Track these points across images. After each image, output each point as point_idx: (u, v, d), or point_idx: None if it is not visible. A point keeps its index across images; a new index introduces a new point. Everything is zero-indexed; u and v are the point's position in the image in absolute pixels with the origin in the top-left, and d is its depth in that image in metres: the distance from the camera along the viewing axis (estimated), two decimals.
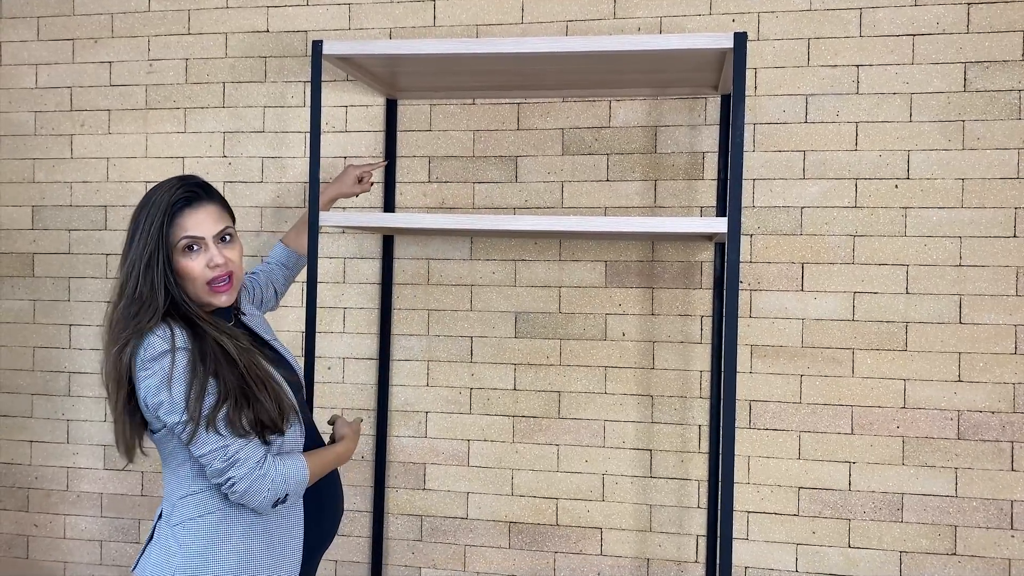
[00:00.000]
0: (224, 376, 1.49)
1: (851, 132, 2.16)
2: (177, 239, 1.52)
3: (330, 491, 1.72)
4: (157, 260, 1.50)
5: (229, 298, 1.59)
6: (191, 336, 1.50)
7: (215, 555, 1.51)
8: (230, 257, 1.58)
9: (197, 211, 1.55)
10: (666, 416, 2.25)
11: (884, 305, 2.14)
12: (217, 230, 1.56)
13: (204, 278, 1.54)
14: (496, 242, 2.34)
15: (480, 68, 2.04)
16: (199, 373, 1.47)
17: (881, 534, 2.13)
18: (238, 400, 1.48)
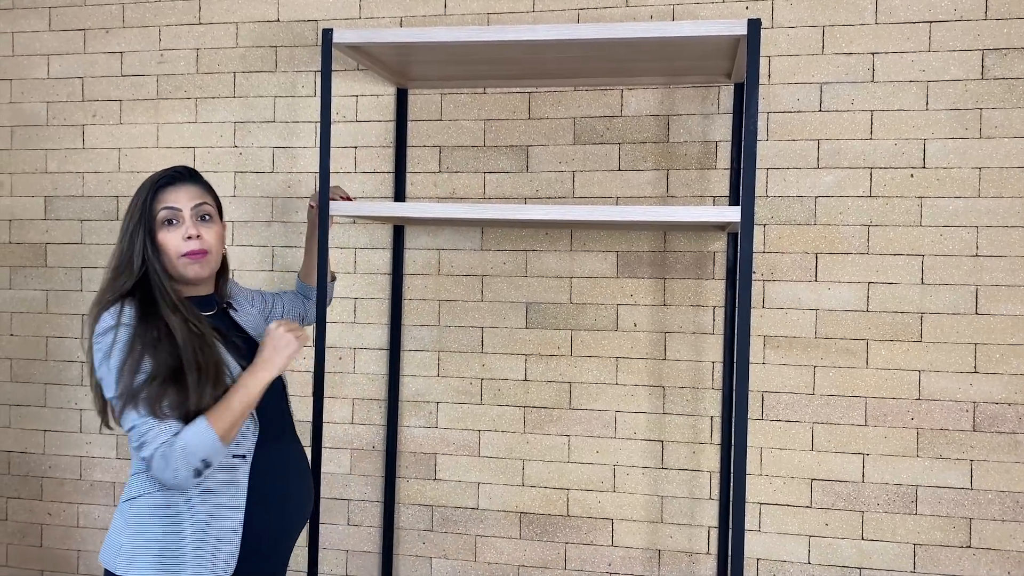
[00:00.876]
0: (160, 357, 1.50)
1: (866, 121, 2.13)
2: (157, 211, 1.61)
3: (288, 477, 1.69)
4: (139, 232, 1.59)
5: (202, 270, 1.63)
6: (140, 314, 1.54)
7: (150, 535, 1.55)
8: (204, 233, 1.63)
9: (178, 188, 1.64)
10: (678, 407, 2.23)
11: (899, 296, 2.12)
12: (194, 203, 1.63)
13: (179, 251, 1.60)
14: (507, 232, 2.33)
15: (491, 56, 2.02)
16: (135, 350, 1.50)
17: (895, 526, 2.12)
18: (165, 382, 1.49)
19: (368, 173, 2.40)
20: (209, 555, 1.55)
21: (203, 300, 1.70)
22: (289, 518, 1.69)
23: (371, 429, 2.41)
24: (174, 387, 1.49)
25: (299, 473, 1.73)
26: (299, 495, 1.72)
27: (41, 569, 2.62)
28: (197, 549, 1.54)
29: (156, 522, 1.55)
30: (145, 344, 1.51)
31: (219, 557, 1.55)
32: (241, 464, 1.59)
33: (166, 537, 1.54)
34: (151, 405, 1.48)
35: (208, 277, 1.67)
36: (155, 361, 1.50)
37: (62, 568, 2.60)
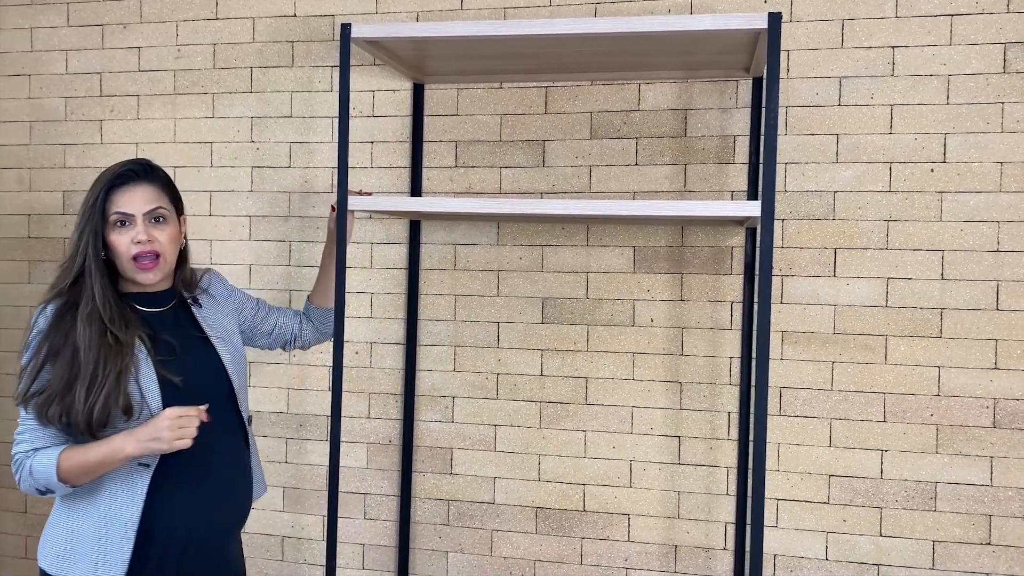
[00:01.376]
0: (60, 366, 1.53)
1: (886, 115, 2.12)
2: (109, 214, 1.61)
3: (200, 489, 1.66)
4: (87, 230, 1.60)
5: (154, 276, 1.64)
6: (57, 317, 1.57)
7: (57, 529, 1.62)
8: (157, 237, 1.63)
9: (132, 189, 1.62)
10: (695, 403, 2.23)
11: (918, 291, 2.10)
12: (147, 208, 1.62)
13: (129, 254, 1.61)
14: (523, 227, 2.32)
15: (508, 51, 2.02)
16: (39, 355, 1.56)
17: (914, 523, 2.11)
18: (56, 392, 1.52)
19: (384, 168, 2.40)
20: (102, 555, 1.57)
21: (159, 294, 1.70)
22: (198, 529, 1.65)
23: (387, 423, 2.41)
24: (64, 397, 1.52)
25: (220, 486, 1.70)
26: (209, 512, 1.67)
27: None
28: (91, 548, 1.58)
29: (62, 517, 1.62)
30: (50, 350, 1.55)
31: (112, 557, 1.57)
32: (142, 472, 1.60)
33: (66, 532, 1.60)
34: (37, 410, 1.54)
35: (162, 279, 1.68)
36: (54, 369, 1.54)
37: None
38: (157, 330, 1.65)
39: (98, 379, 1.52)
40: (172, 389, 1.61)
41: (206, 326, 1.74)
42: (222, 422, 1.70)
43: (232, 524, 1.74)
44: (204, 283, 1.81)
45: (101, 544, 1.57)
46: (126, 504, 1.58)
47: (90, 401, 1.51)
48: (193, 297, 1.76)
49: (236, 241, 2.49)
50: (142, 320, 1.65)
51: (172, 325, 1.69)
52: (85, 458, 1.53)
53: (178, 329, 1.69)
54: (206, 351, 1.72)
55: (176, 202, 1.71)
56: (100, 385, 1.52)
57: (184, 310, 1.74)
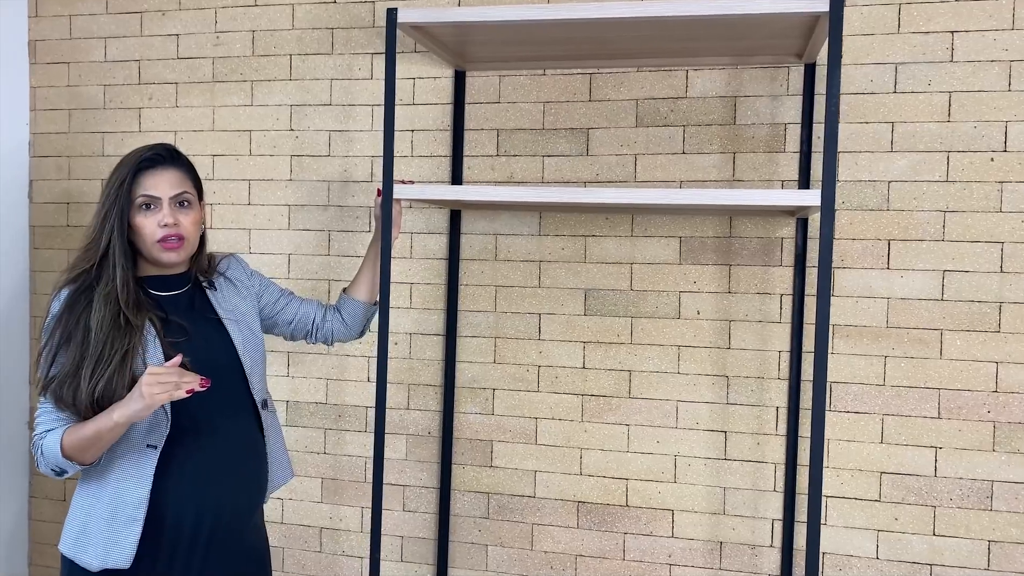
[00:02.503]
0: (72, 350, 1.56)
1: (943, 102, 2.05)
2: (136, 196, 1.62)
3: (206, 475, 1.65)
4: (113, 212, 1.60)
5: (178, 257, 1.64)
6: (71, 302, 1.60)
7: (75, 512, 1.64)
8: (182, 220, 1.64)
9: (159, 173, 1.64)
10: (742, 397, 2.18)
11: (976, 284, 2.04)
12: (174, 192, 1.64)
13: (154, 236, 1.62)
14: (566, 217, 2.28)
15: (553, 36, 1.98)
16: (53, 340, 1.59)
17: (969, 522, 2.05)
18: (68, 376, 1.55)
19: (424, 157, 2.37)
20: (112, 536, 1.58)
21: (174, 278, 1.71)
22: (206, 512, 1.64)
23: (427, 415, 2.38)
24: (74, 378, 1.54)
25: (229, 468, 1.68)
26: (219, 495, 1.66)
27: None
28: (102, 528, 1.59)
29: (80, 498, 1.64)
30: (63, 335, 1.58)
31: (121, 540, 1.58)
32: (150, 453, 1.60)
33: (82, 515, 1.62)
34: (53, 395, 1.57)
35: (183, 261, 1.69)
36: (67, 352, 1.57)
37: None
38: (169, 312, 1.66)
39: (103, 358, 1.54)
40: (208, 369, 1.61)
41: (219, 308, 1.74)
42: (232, 404, 1.70)
43: (243, 508, 1.72)
44: (222, 267, 1.82)
45: (112, 526, 1.58)
46: (135, 485, 1.59)
47: (94, 380, 1.53)
48: (209, 280, 1.76)
49: (275, 230, 2.47)
50: (155, 303, 1.66)
51: (185, 308, 1.70)
52: (83, 431, 1.54)
53: (191, 312, 1.70)
54: (218, 333, 1.72)
55: (198, 188, 1.73)
56: (105, 365, 1.54)
57: (200, 294, 1.74)
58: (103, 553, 1.58)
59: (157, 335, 1.62)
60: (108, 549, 1.58)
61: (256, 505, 1.77)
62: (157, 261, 1.65)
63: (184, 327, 1.66)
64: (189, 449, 1.64)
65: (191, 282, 1.74)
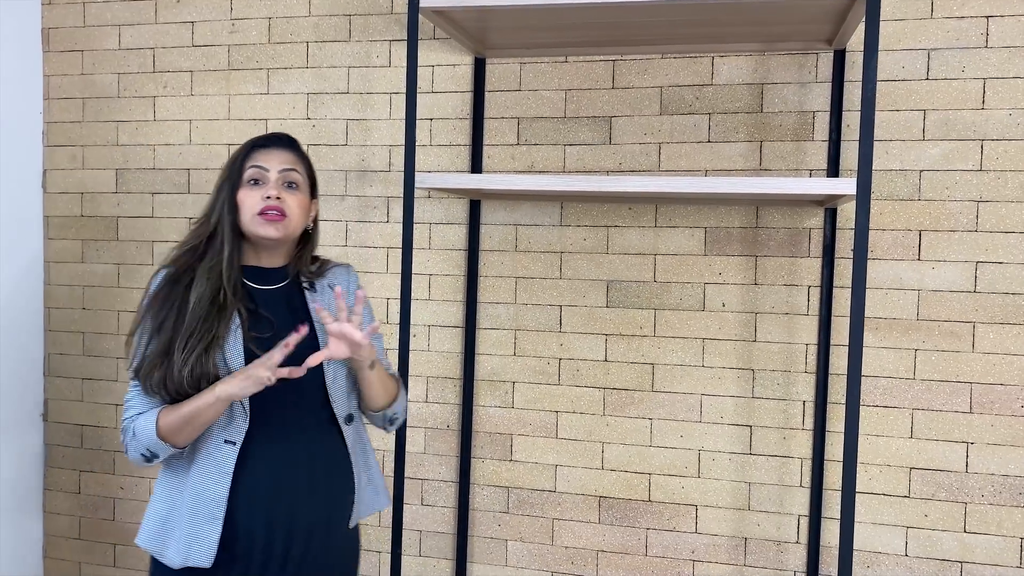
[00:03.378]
0: (164, 331, 1.51)
1: (978, 89, 2.00)
2: (246, 169, 1.59)
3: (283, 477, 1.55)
4: (224, 188, 1.59)
5: (276, 232, 1.56)
6: (167, 283, 1.55)
7: (156, 504, 1.58)
8: (287, 198, 1.58)
9: (272, 150, 1.61)
10: (768, 391, 2.14)
11: (1010, 276, 1.99)
12: (284, 166, 1.60)
13: (255, 208, 1.56)
14: (587, 207, 2.24)
15: (576, 21, 1.93)
16: (148, 318, 1.54)
17: (1000, 519, 2.01)
18: (159, 357, 1.50)
19: (444, 146, 2.33)
20: (193, 533, 1.52)
21: (273, 271, 1.63)
22: (277, 530, 1.54)
23: (446, 408, 2.35)
24: (164, 362, 1.50)
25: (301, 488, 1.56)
26: (292, 509, 1.55)
27: (113, 543, 2.63)
28: (184, 525, 1.53)
29: (161, 492, 1.59)
30: (158, 315, 1.53)
31: (201, 539, 1.52)
32: (230, 450, 1.53)
33: (164, 508, 1.57)
34: (143, 378, 1.52)
35: (281, 242, 1.60)
36: (159, 335, 1.52)
37: (134, 542, 2.60)
38: (259, 306, 1.59)
39: (194, 337, 1.49)
40: None
41: (313, 311, 1.64)
42: (311, 415, 1.60)
43: (320, 526, 1.59)
44: (330, 273, 1.70)
45: (193, 522, 1.52)
46: (216, 482, 1.52)
47: (183, 364, 1.48)
48: (311, 282, 1.66)
49: None
50: (247, 294, 1.59)
51: (278, 305, 1.61)
52: (180, 410, 1.49)
53: (283, 309, 1.61)
54: (307, 337, 1.57)
55: (312, 179, 1.66)
56: (193, 346, 1.49)
57: (297, 293, 1.64)
58: (185, 550, 1.51)
59: (241, 327, 1.54)
60: (190, 546, 1.51)
61: (336, 524, 1.62)
62: (255, 235, 1.57)
63: (271, 322, 1.58)
64: (266, 455, 1.55)
65: (290, 279, 1.65)
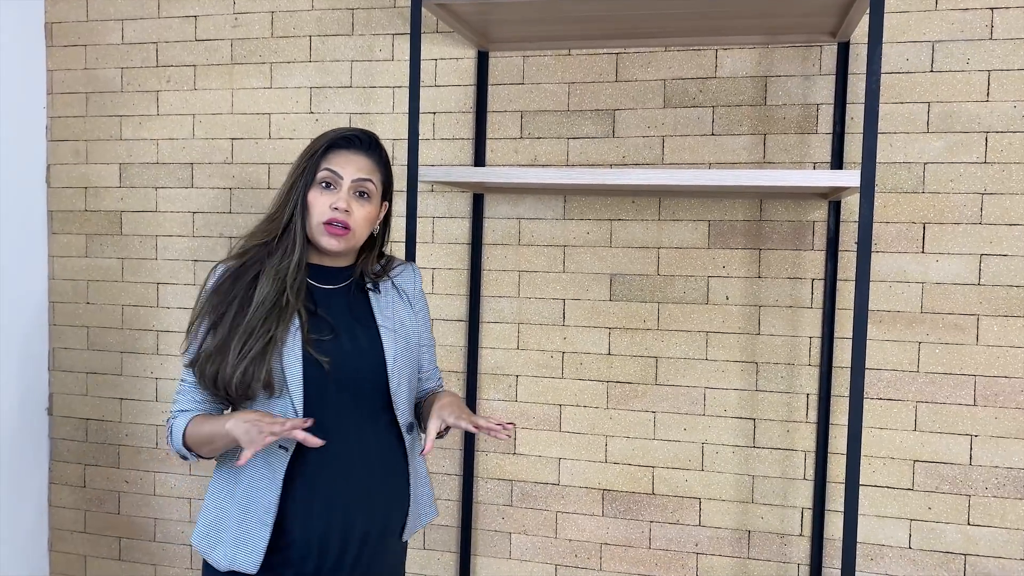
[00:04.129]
0: (226, 321, 1.47)
1: (982, 81, 1.99)
2: (320, 169, 1.52)
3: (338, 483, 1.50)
4: (299, 186, 1.52)
5: (338, 245, 1.51)
6: (227, 279, 1.50)
7: (208, 503, 1.56)
8: (355, 210, 1.52)
9: (349, 154, 1.54)
10: (771, 384, 2.14)
11: (1015, 268, 1.99)
12: (359, 176, 1.53)
13: (322, 216, 1.50)
14: (591, 201, 2.24)
15: (579, 14, 1.93)
16: (209, 310, 1.49)
17: (1004, 512, 2.01)
18: (213, 348, 1.46)
19: (447, 140, 2.33)
20: (241, 537, 1.49)
21: (337, 271, 1.58)
22: (335, 527, 1.50)
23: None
24: (218, 356, 1.45)
25: (361, 495, 1.52)
26: (351, 517, 1.51)
27: (119, 536, 2.64)
28: (233, 528, 1.50)
29: (214, 492, 1.56)
30: (219, 307, 1.48)
31: (248, 544, 1.48)
32: (281, 455, 1.48)
33: (215, 509, 1.54)
34: (197, 370, 1.48)
35: (343, 253, 1.55)
36: (218, 329, 1.47)
37: (139, 536, 2.62)
38: (321, 306, 1.53)
39: (252, 337, 1.44)
40: (316, 371, 1.48)
41: (379, 314, 1.58)
42: (372, 420, 1.53)
43: (377, 535, 1.54)
44: (395, 272, 1.65)
45: (242, 526, 1.49)
46: (266, 488, 1.47)
47: (238, 361, 1.43)
48: (375, 283, 1.61)
49: None
50: (309, 294, 1.53)
51: (340, 306, 1.55)
52: (202, 428, 1.46)
53: (345, 311, 1.55)
54: (369, 339, 1.55)
55: (387, 185, 1.60)
56: (252, 345, 1.44)
57: (360, 294, 1.59)
58: (231, 553, 1.48)
59: (300, 328, 1.48)
60: (236, 549, 1.48)
61: (390, 534, 1.58)
62: (317, 244, 1.53)
63: (331, 325, 1.52)
64: (321, 461, 1.49)
65: (353, 279, 1.60)
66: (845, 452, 1.70)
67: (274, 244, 1.51)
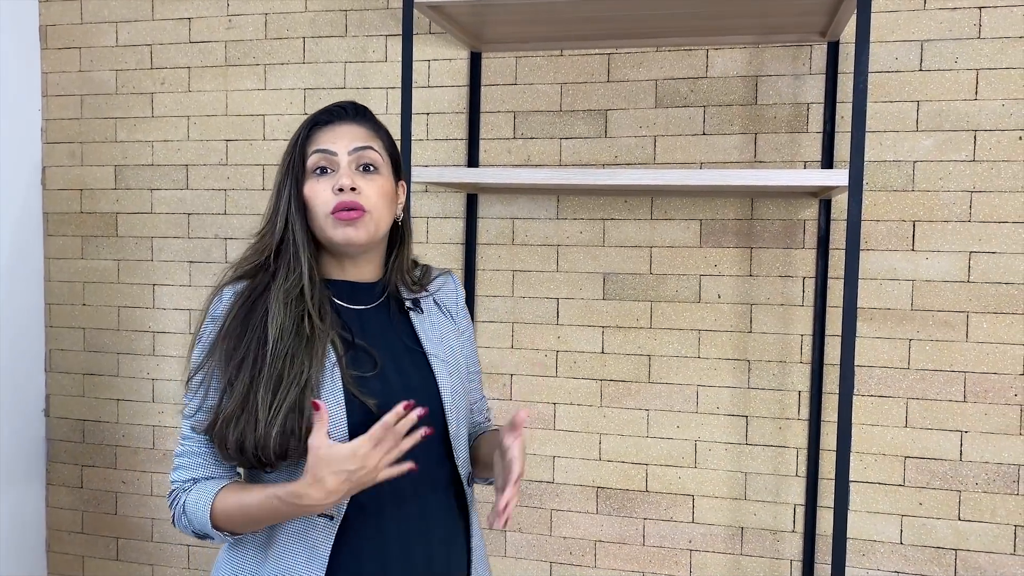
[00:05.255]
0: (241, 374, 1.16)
1: (971, 80, 2.01)
2: (308, 155, 1.23)
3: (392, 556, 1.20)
4: (286, 184, 1.23)
5: (357, 233, 1.20)
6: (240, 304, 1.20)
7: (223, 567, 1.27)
8: (363, 187, 1.21)
9: (337, 126, 1.25)
10: (763, 381, 2.15)
11: (1003, 265, 2.00)
12: (355, 145, 1.23)
13: (327, 206, 1.20)
14: (584, 201, 2.25)
15: (571, 15, 1.94)
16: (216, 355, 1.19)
17: (995, 507, 2.02)
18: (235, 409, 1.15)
19: (440, 140, 2.34)
20: None
21: (362, 287, 1.28)
22: None
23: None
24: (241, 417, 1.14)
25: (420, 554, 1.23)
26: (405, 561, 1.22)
27: (116, 536, 2.65)
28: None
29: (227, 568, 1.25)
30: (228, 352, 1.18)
31: None
32: (326, 527, 1.18)
33: None
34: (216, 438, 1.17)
35: (366, 245, 1.24)
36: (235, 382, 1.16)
37: (136, 536, 2.63)
38: (354, 333, 1.23)
39: (283, 385, 1.14)
40: (363, 415, 1.17)
41: (425, 339, 1.28)
42: (427, 474, 1.22)
43: None
44: (434, 285, 1.37)
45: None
46: (305, 566, 1.17)
47: (271, 423, 1.12)
48: (413, 298, 1.32)
49: None
50: (336, 315, 1.23)
51: (376, 331, 1.26)
52: (244, 501, 1.15)
53: (384, 336, 1.26)
54: (418, 370, 1.26)
55: (394, 155, 1.30)
56: (281, 401, 1.13)
57: (400, 315, 1.30)
58: None
59: (337, 363, 1.19)
60: None
61: None
62: (333, 243, 1.22)
63: (373, 357, 1.22)
64: (370, 529, 1.20)
65: (387, 295, 1.30)
66: (836, 448, 1.72)
67: (274, 261, 1.22)
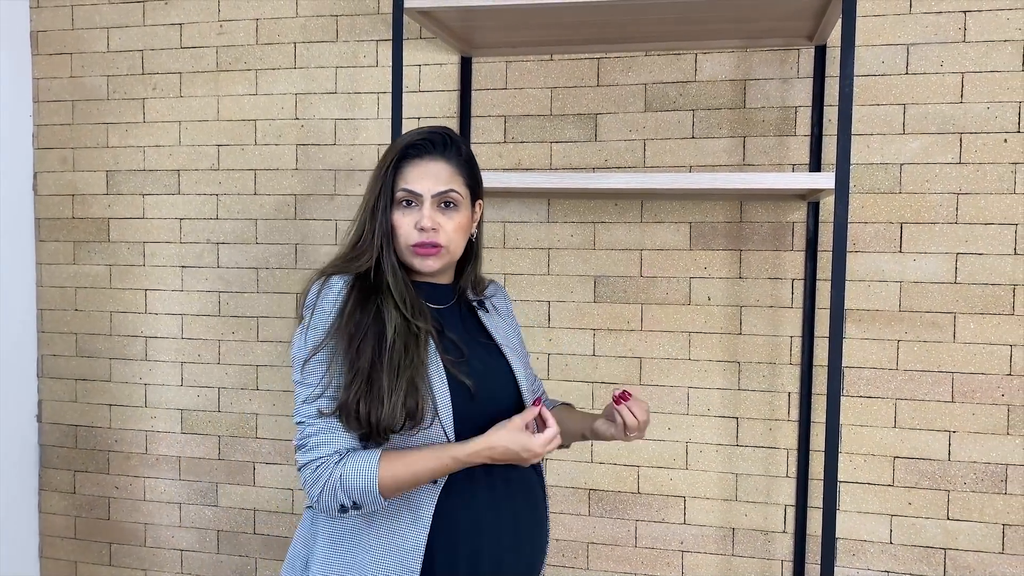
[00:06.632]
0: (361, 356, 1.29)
1: (956, 83, 2.03)
2: (397, 189, 1.38)
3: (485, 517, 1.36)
4: (379, 207, 1.37)
5: (434, 264, 1.38)
6: (354, 293, 1.33)
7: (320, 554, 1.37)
8: (443, 225, 1.37)
9: (425, 165, 1.38)
10: (754, 383, 2.17)
11: (990, 267, 2.02)
12: (438, 190, 1.37)
13: (408, 240, 1.37)
14: (574, 204, 2.27)
15: (561, 20, 1.96)
16: (332, 340, 1.31)
17: (983, 506, 2.04)
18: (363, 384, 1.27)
19: None
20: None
21: (440, 289, 1.45)
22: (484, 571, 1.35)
23: None
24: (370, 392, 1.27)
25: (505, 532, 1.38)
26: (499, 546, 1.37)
27: (109, 542, 2.65)
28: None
29: (326, 538, 1.36)
30: (353, 340, 1.30)
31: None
32: (430, 490, 1.33)
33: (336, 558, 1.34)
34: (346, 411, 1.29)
35: (441, 271, 1.42)
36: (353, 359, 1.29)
37: (129, 541, 2.63)
38: (443, 326, 1.40)
39: (398, 374, 1.28)
40: (464, 394, 1.34)
41: (494, 332, 1.47)
42: None
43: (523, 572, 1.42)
44: (489, 291, 1.57)
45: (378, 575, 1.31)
46: (411, 528, 1.31)
47: (394, 398, 1.26)
48: (479, 300, 1.50)
49: (281, 220, 2.45)
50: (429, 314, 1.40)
51: (456, 326, 1.43)
52: (413, 469, 1.28)
53: (464, 330, 1.44)
54: (495, 359, 1.44)
55: (473, 186, 1.44)
56: (402, 380, 1.27)
57: (469, 313, 1.48)
58: None
59: (437, 350, 1.35)
60: None
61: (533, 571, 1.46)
62: (411, 267, 1.40)
63: (457, 345, 1.38)
64: (465, 495, 1.35)
65: (456, 296, 1.48)
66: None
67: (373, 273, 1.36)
